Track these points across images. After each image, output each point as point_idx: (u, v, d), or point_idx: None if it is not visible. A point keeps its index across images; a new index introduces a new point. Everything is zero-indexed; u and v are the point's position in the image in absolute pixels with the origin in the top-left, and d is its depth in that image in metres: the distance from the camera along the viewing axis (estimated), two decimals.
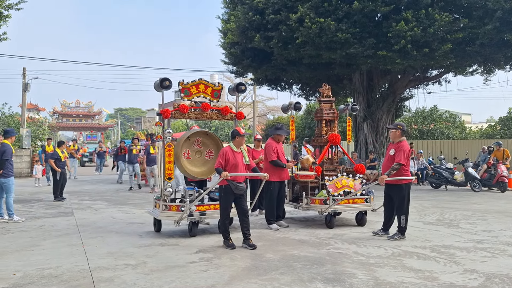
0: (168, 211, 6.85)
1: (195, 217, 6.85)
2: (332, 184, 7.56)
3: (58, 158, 11.73)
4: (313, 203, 7.72)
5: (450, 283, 4.60)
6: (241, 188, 6.16)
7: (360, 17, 13.75)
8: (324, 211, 7.57)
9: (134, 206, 10.67)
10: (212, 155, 7.62)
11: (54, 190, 11.70)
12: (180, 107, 7.06)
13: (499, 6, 12.90)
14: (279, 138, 7.88)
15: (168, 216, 6.88)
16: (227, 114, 7.45)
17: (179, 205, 6.84)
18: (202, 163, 7.57)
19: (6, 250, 6.05)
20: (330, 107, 8.64)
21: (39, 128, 25.19)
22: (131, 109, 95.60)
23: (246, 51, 16.86)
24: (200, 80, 7.26)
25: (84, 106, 57.82)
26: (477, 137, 24.43)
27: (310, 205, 7.75)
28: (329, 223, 7.65)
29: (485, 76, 18.07)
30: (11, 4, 14.80)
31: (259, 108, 46.32)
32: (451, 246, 6.29)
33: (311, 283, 4.58)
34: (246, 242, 6.19)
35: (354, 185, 7.61)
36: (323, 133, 8.45)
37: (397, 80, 18.28)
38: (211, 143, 7.64)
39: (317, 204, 7.69)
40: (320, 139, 8.48)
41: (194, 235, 6.91)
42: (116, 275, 4.87)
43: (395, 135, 6.79)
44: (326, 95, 8.73)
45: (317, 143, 8.62)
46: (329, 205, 7.48)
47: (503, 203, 11.44)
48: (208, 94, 7.32)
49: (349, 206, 7.78)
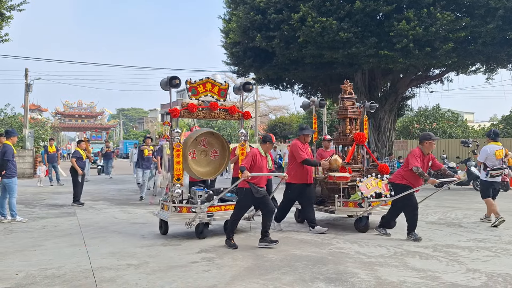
0: (178, 212, 6.67)
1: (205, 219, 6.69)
2: (363, 186, 7.23)
3: (80, 157, 10.82)
4: (347, 206, 7.30)
5: (452, 282, 4.59)
6: (261, 193, 6.22)
7: (362, 17, 13.75)
8: (360, 215, 7.17)
9: (136, 206, 10.68)
10: (217, 155, 7.50)
11: (75, 194, 10.67)
12: (188, 106, 6.92)
13: (501, 5, 12.87)
14: (306, 138, 7.45)
15: (178, 218, 6.68)
16: (235, 114, 7.34)
17: (190, 206, 6.67)
18: (207, 163, 7.45)
19: (8, 250, 6.06)
20: (352, 105, 8.26)
21: (42, 129, 25.23)
22: (133, 109, 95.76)
23: (248, 51, 16.87)
24: (207, 79, 7.14)
25: (86, 107, 58.03)
26: (480, 136, 24.36)
27: (343, 208, 7.31)
28: (364, 226, 7.24)
29: (487, 75, 18.04)
30: (13, 5, 14.87)
31: (261, 107, 46.28)
32: (454, 246, 6.27)
33: (313, 283, 4.58)
34: (266, 239, 6.15)
35: (382, 186, 7.33)
36: (347, 132, 8.06)
37: (399, 79, 18.26)
38: (216, 142, 7.51)
39: (351, 207, 7.26)
40: (345, 138, 8.06)
41: (204, 236, 6.75)
42: (118, 275, 4.87)
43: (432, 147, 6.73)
44: (348, 91, 8.34)
45: (340, 143, 8.22)
46: (364, 208, 7.13)
47: (506, 202, 11.39)
48: (215, 93, 7.20)
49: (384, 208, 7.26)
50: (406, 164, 6.73)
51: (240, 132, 7.50)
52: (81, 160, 10.86)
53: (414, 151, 6.73)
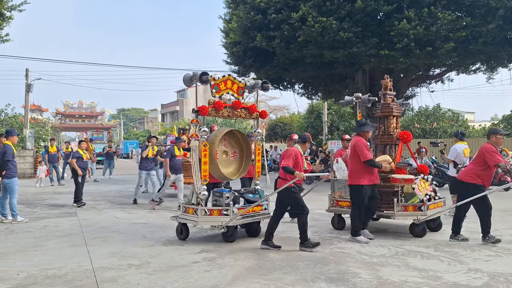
0: (209, 216, 6.39)
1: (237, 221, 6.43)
2: (417, 188, 6.84)
3: (80, 157, 10.81)
4: (406, 210, 6.80)
5: (454, 282, 4.58)
6: (301, 190, 6.25)
7: (362, 16, 13.74)
8: (424, 219, 6.73)
9: (137, 206, 10.68)
10: (236, 156, 7.25)
11: (76, 194, 10.66)
12: (216, 103, 6.61)
13: (502, 4, 12.87)
14: (366, 135, 6.82)
15: (209, 221, 6.44)
16: (254, 113, 7.16)
17: (222, 208, 6.40)
18: (228, 164, 7.14)
19: (9, 251, 6.06)
20: (393, 101, 7.83)
21: (42, 129, 25.27)
22: (134, 109, 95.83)
23: (248, 51, 16.86)
24: (229, 76, 6.91)
25: (87, 107, 58.08)
26: (480, 136, 24.35)
27: (403, 213, 6.81)
28: (422, 231, 6.85)
29: (488, 75, 18.03)
30: (13, 6, 14.89)
31: (262, 107, 46.32)
32: (455, 245, 6.27)
33: (315, 283, 4.57)
34: (306, 244, 6.01)
35: (429, 188, 7.01)
36: (391, 130, 7.52)
37: (400, 79, 18.24)
38: (235, 142, 7.27)
39: (411, 211, 6.79)
40: (390, 138, 7.48)
41: (234, 239, 6.50)
42: (120, 275, 4.87)
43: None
44: (389, 88, 7.90)
45: (385, 142, 7.57)
46: (424, 211, 6.71)
47: (506, 202, 11.39)
48: (234, 91, 6.95)
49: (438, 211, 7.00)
50: (481, 161, 6.30)
51: (257, 131, 7.34)
52: (81, 160, 10.81)
53: (489, 147, 6.29)
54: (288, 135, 29.49)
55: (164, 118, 70.48)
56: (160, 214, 9.43)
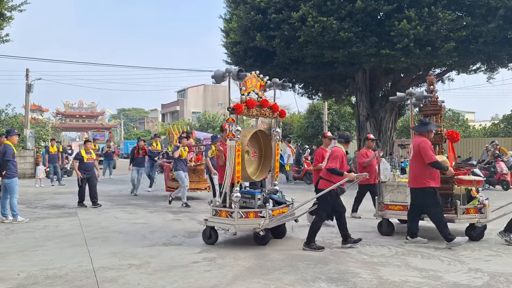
0: (245, 218, 6.12)
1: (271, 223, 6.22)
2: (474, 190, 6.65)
3: (81, 159, 10.45)
4: (468, 213, 6.58)
5: (454, 282, 4.58)
6: (343, 192, 6.29)
7: (362, 16, 13.73)
8: (487, 222, 6.53)
9: (137, 206, 10.68)
10: (256, 156, 7.05)
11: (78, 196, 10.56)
12: (248, 102, 6.36)
13: (502, 4, 12.86)
14: (430, 134, 6.49)
15: (246, 224, 6.15)
16: (276, 112, 7.02)
17: (258, 211, 6.18)
18: (249, 164, 6.87)
19: (10, 251, 6.06)
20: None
21: (43, 129, 25.27)
22: (134, 110, 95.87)
23: (249, 51, 16.85)
24: (254, 73, 6.69)
25: (87, 107, 58.09)
26: (481, 136, 24.35)
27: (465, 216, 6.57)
28: (480, 234, 6.62)
29: (488, 74, 18.01)
30: (13, 6, 14.90)
31: None
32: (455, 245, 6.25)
33: (315, 283, 4.57)
34: (349, 240, 6.11)
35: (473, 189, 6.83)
36: (439, 129, 7.18)
37: (400, 78, 18.25)
38: (256, 142, 7.06)
39: (472, 214, 6.59)
40: (440, 137, 7.18)
41: (267, 242, 6.31)
42: (120, 275, 4.87)
43: None
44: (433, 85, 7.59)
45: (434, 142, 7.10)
46: (484, 213, 6.55)
47: (506, 201, 11.36)
48: (258, 89, 6.75)
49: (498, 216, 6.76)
50: None
51: (276, 131, 7.22)
52: (82, 162, 10.41)
53: None
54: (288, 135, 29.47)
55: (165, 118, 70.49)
56: (160, 214, 9.43)
